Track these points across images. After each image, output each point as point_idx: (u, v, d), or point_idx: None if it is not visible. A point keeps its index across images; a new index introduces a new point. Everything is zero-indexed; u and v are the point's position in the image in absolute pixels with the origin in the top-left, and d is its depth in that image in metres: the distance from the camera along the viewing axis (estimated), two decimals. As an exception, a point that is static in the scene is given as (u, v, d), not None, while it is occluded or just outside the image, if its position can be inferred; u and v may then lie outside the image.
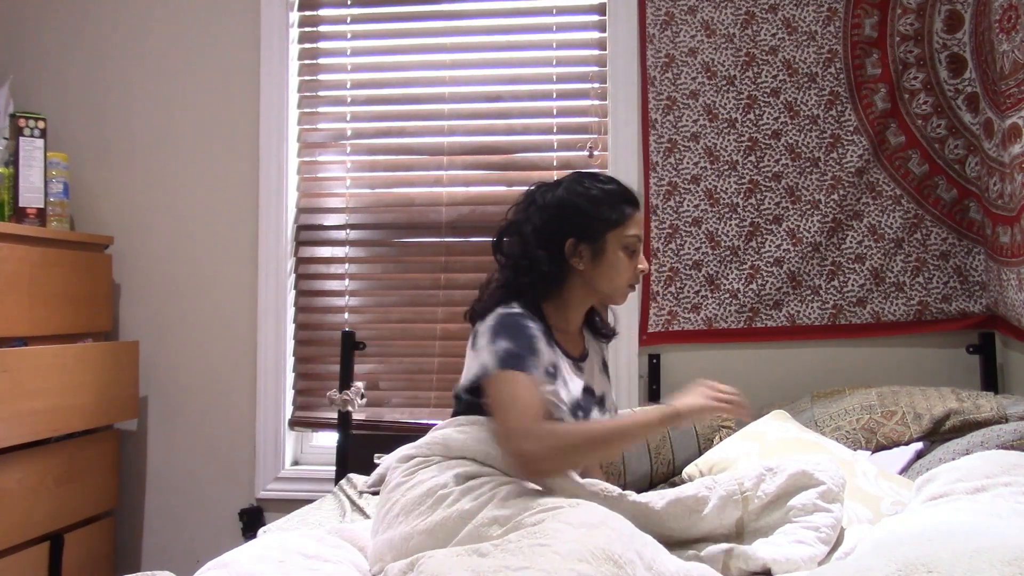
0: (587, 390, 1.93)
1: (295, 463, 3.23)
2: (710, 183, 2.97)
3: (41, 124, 2.89)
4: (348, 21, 3.26)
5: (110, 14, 3.30)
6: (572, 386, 1.88)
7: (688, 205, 2.98)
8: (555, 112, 3.16)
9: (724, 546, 1.60)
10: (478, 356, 1.80)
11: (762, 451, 2.24)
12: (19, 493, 2.62)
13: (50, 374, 2.70)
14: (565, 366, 1.90)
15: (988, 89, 2.72)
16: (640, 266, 1.95)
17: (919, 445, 2.35)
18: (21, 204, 2.84)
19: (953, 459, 2.02)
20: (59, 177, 2.98)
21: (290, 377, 3.21)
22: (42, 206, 2.89)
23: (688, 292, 2.97)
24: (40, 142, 2.88)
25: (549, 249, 1.90)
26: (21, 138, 2.84)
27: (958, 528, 1.50)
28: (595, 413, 1.93)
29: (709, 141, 2.97)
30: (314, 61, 3.27)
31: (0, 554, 2.55)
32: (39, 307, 2.76)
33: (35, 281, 2.74)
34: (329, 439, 3.23)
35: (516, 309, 1.86)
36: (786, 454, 2.19)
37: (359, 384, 2.96)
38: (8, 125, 2.88)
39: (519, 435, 1.67)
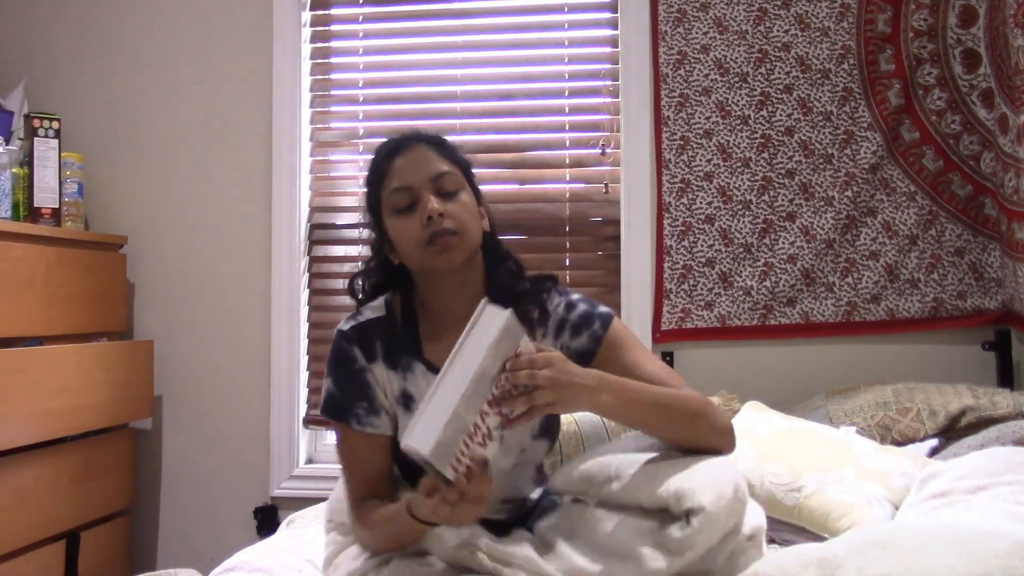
0: None
1: (309, 461, 3.24)
2: (723, 180, 2.96)
3: (55, 124, 2.90)
4: (360, 20, 3.26)
5: (123, 15, 3.31)
6: None
7: (701, 202, 2.97)
8: (567, 110, 3.15)
9: None
10: None
11: (755, 447, 2.22)
12: (35, 492, 2.64)
13: (65, 373, 2.71)
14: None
15: (1003, 84, 2.70)
16: (425, 215, 1.57)
17: (935, 442, 2.34)
18: (36, 204, 2.85)
19: (967, 454, 2.02)
20: (73, 177, 2.99)
21: (304, 376, 3.21)
22: (57, 206, 2.90)
23: (701, 290, 2.96)
24: (54, 142, 2.89)
25: (378, 260, 1.74)
26: (36, 138, 2.85)
27: (928, 520, 1.52)
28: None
29: (722, 138, 2.96)
30: (326, 60, 3.28)
31: (17, 552, 2.56)
32: (54, 307, 2.77)
33: (50, 281, 2.75)
34: (343, 437, 3.23)
35: (352, 322, 1.68)
36: (781, 448, 2.18)
37: (372, 382, 2.95)
38: (23, 126, 2.90)
39: (351, 517, 1.61)
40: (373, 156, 1.70)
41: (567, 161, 3.13)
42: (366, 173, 1.71)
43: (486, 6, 3.25)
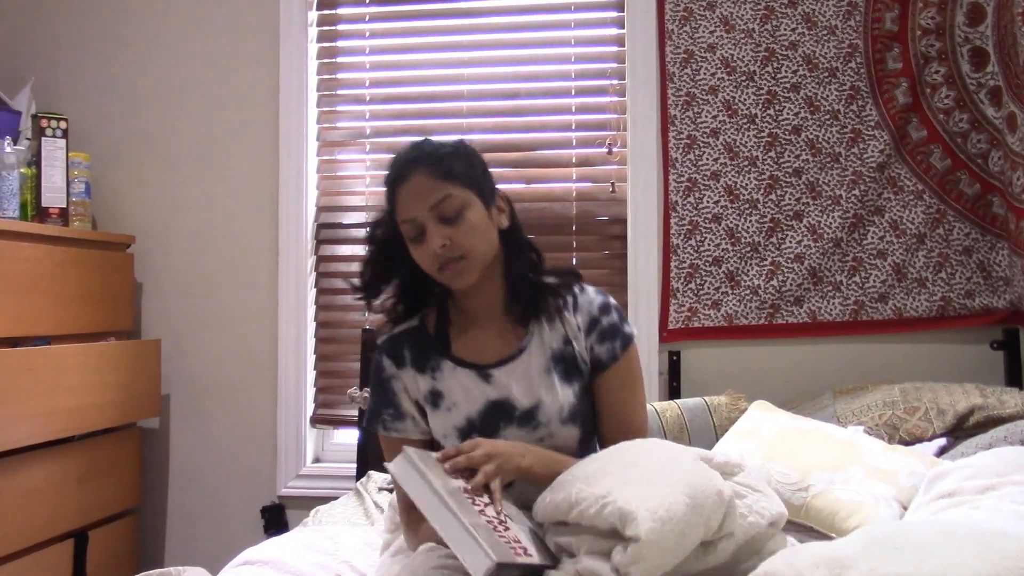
0: (496, 404, 1.67)
1: (316, 460, 3.25)
2: (730, 179, 2.96)
3: (63, 124, 2.90)
4: (366, 20, 3.26)
5: (130, 16, 3.32)
6: (467, 405, 1.68)
7: (708, 201, 2.96)
8: (574, 109, 3.15)
9: None
10: None
11: (761, 447, 2.22)
12: (44, 491, 2.64)
13: (73, 373, 2.72)
14: (460, 382, 1.69)
15: (1011, 82, 2.69)
16: (430, 248, 1.61)
17: (942, 441, 2.34)
18: (44, 204, 2.85)
19: (975, 454, 2.01)
20: (81, 177, 3.00)
21: (311, 375, 3.22)
22: (64, 206, 2.91)
23: (708, 289, 2.96)
24: (62, 142, 2.90)
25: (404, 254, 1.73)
26: (43, 138, 2.85)
27: (940, 519, 1.54)
28: (511, 432, 1.66)
29: (729, 137, 2.96)
30: (333, 60, 3.28)
31: (25, 551, 2.57)
32: (62, 306, 2.78)
33: (58, 280, 2.76)
34: (350, 436, 3.24)
35: (386, 335, 1.77)
36: (788, 447, 2.18)
37: (379, 382, 2.95)
38: (30, 126, 2.91)
39: (401, 519, 1.70)
40: (385, 176, 1.71)
41: (573, 160, 3.13)
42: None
43: (492, 5, 3.25)
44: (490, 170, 1.74)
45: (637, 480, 1.36)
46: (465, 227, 1.62)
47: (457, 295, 1.74)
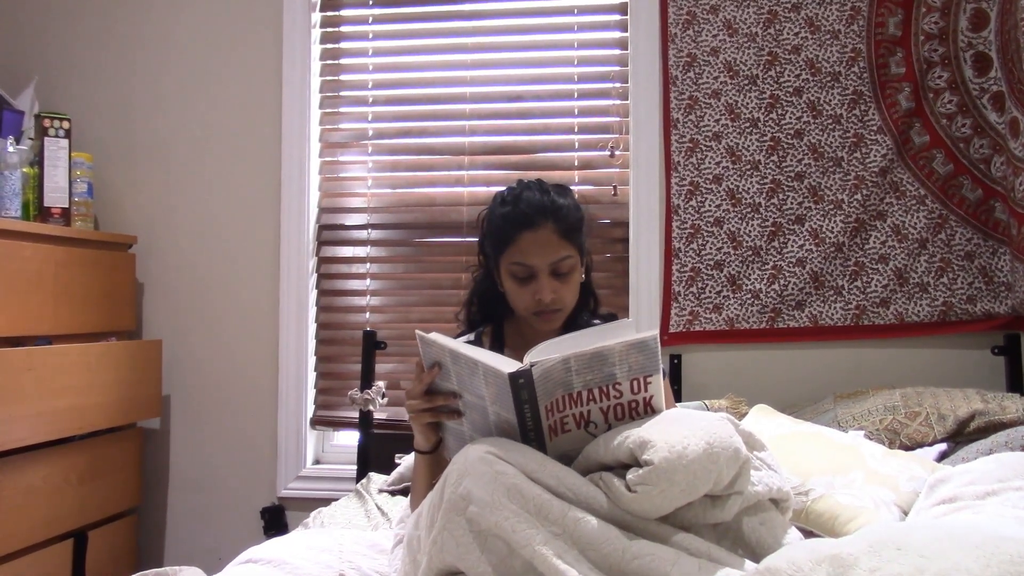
0: None
1: (316, 462, 3.24)
2: (732, 183, 2.96)
3: (66, 124, 2.91)
4: (370, 21, 3.27)
5: (134, 15, 3.32)
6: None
7: (710, 205, 2.96)
8: (576, 112, 3.15)
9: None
10: None
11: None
12: (43, 491, 2.64)
13: (74, 373, 2.72)
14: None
15: (1014, 88, 2.69)
16: (536, 296, 1.78)
17: (943, 446, 2.34)
18: (46, 204, 2.86)
19: (976, 459, 2.01)
20: (83, 177, 3.00)
21: (312, 376, 3.22)
22: (67, 206, 2.91)
23: (710, 292, 2.95)
24: (65, 142, 2.90)
25: (485, 267, 1.94)
26: (46, 138, 2.86)
27: (944, 521, 1.54)
28: None
29: (731, 141, 2.96)
30: (336, 61, 3.28)
31: (25, 551, 2.57)
32: (63, 306, 2.78)
33: (60, 280, 2.76)
34: (350, 438, 3.24)
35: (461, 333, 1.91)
36: (788, 451, 2.17)
37: (380, 383, 2.96)
38: (33, 125, 2.91)
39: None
40: (501, 205, 1.84)
41: (576, 163, 3.13)
42: (489, 218, 1.87)
43: (496, 7, 3.25)
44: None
45: (660, 421, 1.44)
46: (569, 284, 1.81)
47: (521, 320, 1.87)
